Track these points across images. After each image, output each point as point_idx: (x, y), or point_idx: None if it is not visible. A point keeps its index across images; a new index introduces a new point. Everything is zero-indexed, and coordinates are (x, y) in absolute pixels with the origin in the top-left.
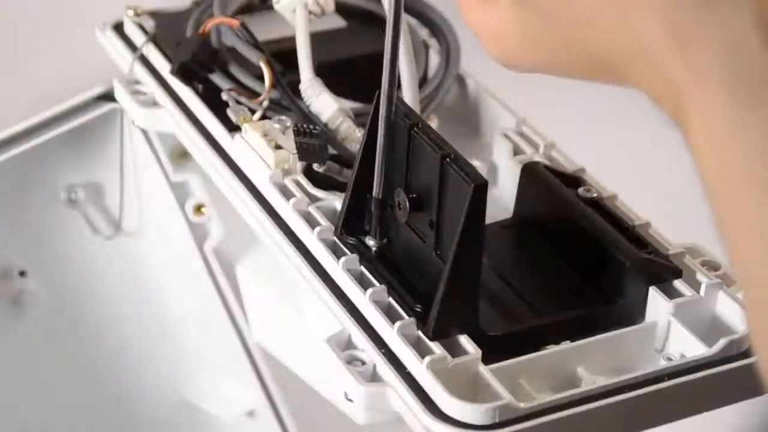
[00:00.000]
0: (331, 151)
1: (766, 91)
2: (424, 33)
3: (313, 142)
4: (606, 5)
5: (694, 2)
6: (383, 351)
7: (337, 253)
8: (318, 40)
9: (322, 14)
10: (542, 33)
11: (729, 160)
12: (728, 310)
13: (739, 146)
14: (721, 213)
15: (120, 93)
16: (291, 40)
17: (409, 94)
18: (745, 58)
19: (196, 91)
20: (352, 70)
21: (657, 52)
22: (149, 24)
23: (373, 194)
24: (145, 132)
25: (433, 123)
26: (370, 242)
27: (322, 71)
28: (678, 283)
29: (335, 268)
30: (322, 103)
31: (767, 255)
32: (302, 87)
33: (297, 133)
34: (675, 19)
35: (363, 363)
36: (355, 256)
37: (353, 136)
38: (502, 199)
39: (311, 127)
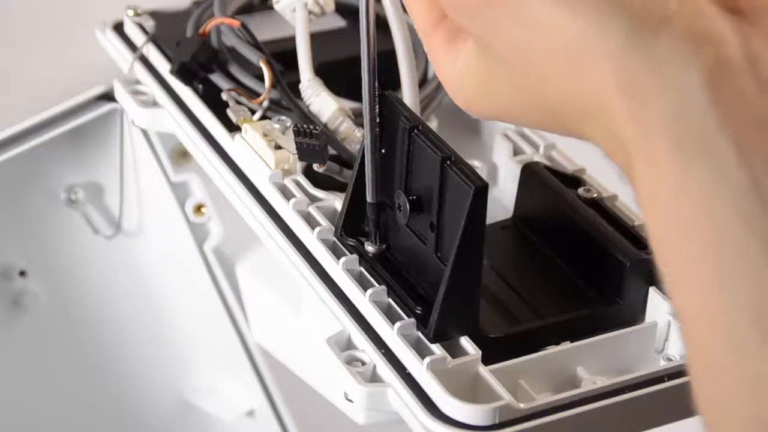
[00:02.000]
0: (331, 151)
1: (713, 150)
2: None
3: (313, 142)
4: (560, 59)
5: (644, 59)
6: (383, 351)
7: (337, 254)
8: (318, 40)
9: (322, 14)
10: (501, 84)
11: (674, 217)
12: None
13: (684, 203)
14: (666, 267)
15: (120, 93)
16: (291, 40)
17: (409, 95)
18: (694, 116)
19: (196, 91)
20: (352, 70)
21: (606, 107)
22: (149, 24)
23: (368, 200)
24: (145, 132)
25: (433, 123)
26: (369, 248)
27: (322, 71)
28: None
29: (335, 269)
30: (322, 103)
31: (708, 308)
32: (302, 87)
33: (297, 133)
34: (625, 75)
35: (363, 363)
36: (354, 257)
37: (353, 136)
38: (502, 199)
39: (311, 127)
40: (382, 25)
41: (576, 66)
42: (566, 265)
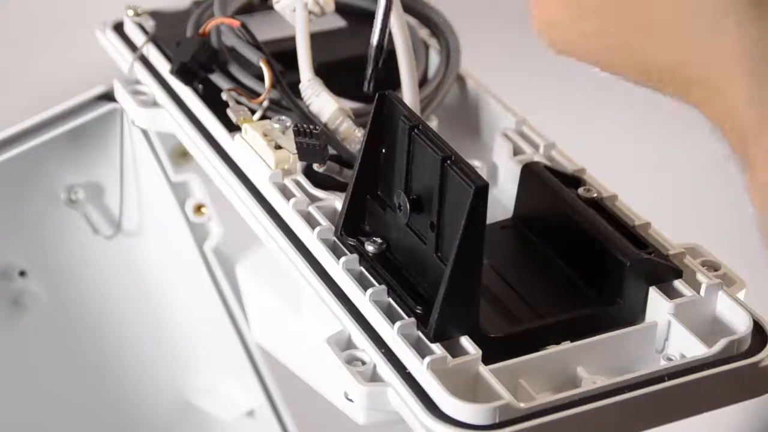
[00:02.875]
0: (331, 151)
1: None
2: (424, 33)
3: (313, 142)
4: (677, 14)
5: None
6: (383, 351)
7: (337, 253)
8: (318, 40)
9: (322, 14)
10: (599, 25)
11: None
12: (728, 310)
13: None
14: None
15: (120, 93)
16: (291, 40)
17: (409, 95)
18: None
19: (196, 91)
20: (352, 70)
21: (723, 76)
22: (149, 24)
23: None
24: (145, 132)
25: (433, 123)
26: (369, 247)
27: (322, 71)
28: (678, 284)
29: (335, 268)
30: (322, 103)
31: None
32: (302, 87)
33: (297, 133)
34: (750, 50)
35: (363, 363)
36: (355, 257)
37: (353, 136)
38: (502, 199)
39: (311, 127)
40: None
41: (694, 24)
42: (566, 265)
